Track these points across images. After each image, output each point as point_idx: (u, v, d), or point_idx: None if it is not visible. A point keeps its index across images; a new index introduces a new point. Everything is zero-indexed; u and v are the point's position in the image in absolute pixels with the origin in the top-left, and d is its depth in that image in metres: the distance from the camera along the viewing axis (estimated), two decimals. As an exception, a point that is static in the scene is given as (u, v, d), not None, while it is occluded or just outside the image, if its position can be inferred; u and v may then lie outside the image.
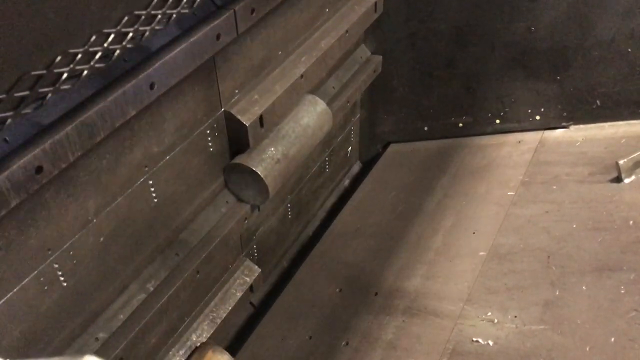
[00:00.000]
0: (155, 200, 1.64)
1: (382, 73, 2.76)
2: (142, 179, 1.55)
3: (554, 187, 2.34)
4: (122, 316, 1.60)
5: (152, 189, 1.61)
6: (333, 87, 2.48)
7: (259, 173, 1.83)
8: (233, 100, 1.81)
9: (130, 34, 1.28)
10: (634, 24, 2.33)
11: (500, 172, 2.55)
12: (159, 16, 1.33)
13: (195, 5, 1.46)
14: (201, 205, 1.86)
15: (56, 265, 1.36)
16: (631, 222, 2.02)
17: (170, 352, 1.90)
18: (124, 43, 1.27)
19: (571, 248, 2.03)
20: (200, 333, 1.98)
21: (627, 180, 2.19)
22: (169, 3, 1.35)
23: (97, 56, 1.23)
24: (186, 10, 1.41)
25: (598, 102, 2.55)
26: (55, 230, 1.33)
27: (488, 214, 2.35)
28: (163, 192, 1.66)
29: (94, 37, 1.22)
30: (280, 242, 2.62)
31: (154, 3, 1.32)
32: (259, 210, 2.11)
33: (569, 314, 1.81)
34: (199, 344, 1.95)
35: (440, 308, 2.03)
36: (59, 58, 1.17)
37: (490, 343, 1.84)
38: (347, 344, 2.08)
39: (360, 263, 2.42)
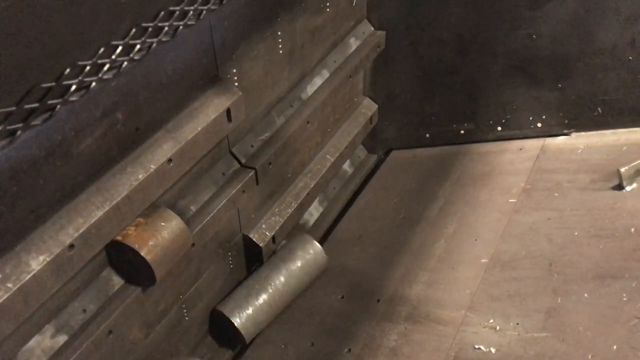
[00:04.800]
0: None
1: (385, 80, 2.76)
2: None
3: (556, 194, 2.35)
4: None
5: None
6: None
7: None
8: None
9: (138, 46, 1.29)
10: (635, 31, 2.34)
11: (502, 179, 2.57)
12: (166, 28, 1.35)
13: (201, 16, 1.47)
14: None
15: None
16: (633, 229, 2.03)
17: (117, 166, 1.54)
18: (131, 55, 1.29)
19: (573, 255, 2.04)
20: (157, 149, 1.62)
21: (628, 188, 2.20)
22: (175, 15, 1.37)
23: (105, 68, 1.25)
24: (192, 22, 1.43)
25: (599, 109, 2.56)
26: None
27: (490, 221, 2.36)
28: None
29: (102, 49, 1.24)
30: (269, 85, 2.24)
31: (161, 16, 1.33)
32: None
33: (571, 322, 1.82)
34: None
35: (443, 315, 2.04)
36: (67, 70, 1.18)
37: (493, 350, 1.84)
38: (349, 351, 2.09)
39: (362, 270, 2.43)
